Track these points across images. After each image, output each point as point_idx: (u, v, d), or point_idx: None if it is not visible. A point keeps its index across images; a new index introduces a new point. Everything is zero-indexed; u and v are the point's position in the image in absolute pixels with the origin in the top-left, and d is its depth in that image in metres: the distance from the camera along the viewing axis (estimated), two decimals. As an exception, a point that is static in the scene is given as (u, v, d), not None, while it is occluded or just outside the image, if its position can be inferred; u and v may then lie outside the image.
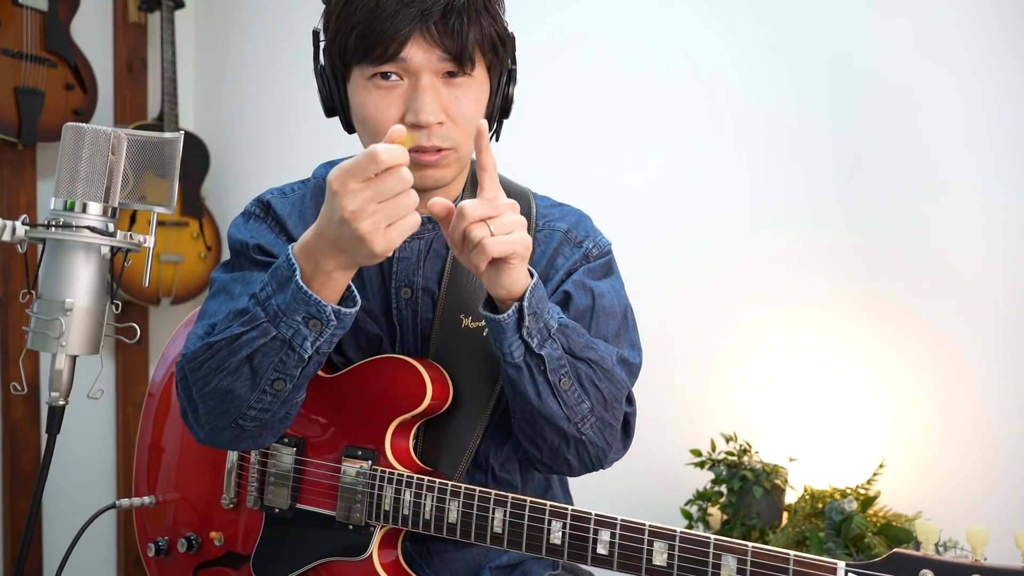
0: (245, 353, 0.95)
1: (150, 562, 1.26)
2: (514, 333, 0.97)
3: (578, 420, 1.03)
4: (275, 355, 0.95)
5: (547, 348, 0.99)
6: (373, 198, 0.84)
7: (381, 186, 0.84)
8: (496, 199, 0.93)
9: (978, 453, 1.80)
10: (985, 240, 1.81)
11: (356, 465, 1.07)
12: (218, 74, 3.00)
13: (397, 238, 0.87)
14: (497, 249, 0.91)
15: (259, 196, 1.18)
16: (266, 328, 0.93)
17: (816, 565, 0.84)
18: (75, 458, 2.61)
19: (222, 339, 0.96)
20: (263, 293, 0.95)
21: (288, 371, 0.96)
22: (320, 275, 0.92)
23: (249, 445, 1.07)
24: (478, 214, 0.90)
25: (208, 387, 0.98)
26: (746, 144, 2.08)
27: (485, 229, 0.90)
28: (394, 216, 0.86)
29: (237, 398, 0.98)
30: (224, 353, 0.96)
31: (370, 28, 0.97)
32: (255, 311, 0.94)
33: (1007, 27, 1.79)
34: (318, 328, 0.93)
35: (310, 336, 0.93)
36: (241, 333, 0.95)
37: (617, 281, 1.18)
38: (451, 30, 0.98)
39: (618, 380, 1.06)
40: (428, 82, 1.00)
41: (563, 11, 2.29)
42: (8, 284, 2.48)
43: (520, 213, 1.15)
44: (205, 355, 0.98)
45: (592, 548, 0.94)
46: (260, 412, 1.00)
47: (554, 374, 1.00)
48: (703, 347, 2.12)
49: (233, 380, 0.97)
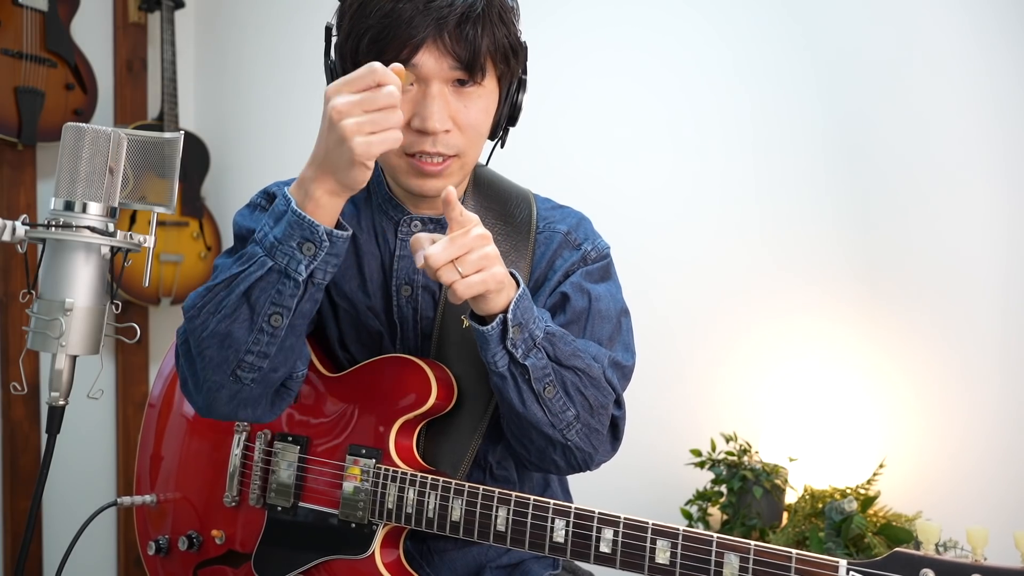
0: (242, 288, 0.96)
1: (150, 561, 1.26)
2: (498, 344, 0.98)
3: (563, 427, 1.04)
4: (271, 287, 0.96)
5: (531, 358, 1.00)
6: (361, 103, 0.88)
7: (371, 96, 0.88)
8: (465, 235, 0.93)
9: (977, 453, 1.80)
10: (983, 241, 1.81)
11: (360, 463, 1.08)
12: (218, 74, 3.00)
13: (377, 145, 0.89)
14: (467, 292, 0.93)
15: (265, 188, 1.20)
16: (262, 260, 0.96)
17: (818, 563, 0.84)
18: (75, 458, 2.62)
19: (221, 281, 0.98)
20: (260, 232, 0.97)
21: (284, 302, 0.97)
22: (309, 202, 0.94)
23: (247, 415, 1.06)
24: (443, 259, 0.91)
25: (207, 331, 0.99)
26: (750, 148, 2.08)
27: (453, 273, 0.92)
28: (377, 125, 0.89)
29: (235, 341, 0.98)
30: (223, 293, 0.98)
31: (384, 32, 0.97)
32: (252, 249, 0.97)
33: (1002, 25, 1.79)
34: (312, 251, 0.95)
35: (304, 260, 0.95)
36: (239, 272, 0.97)
37: (614, 285, 1.18)
38: (465, 39, 0.98)
39: (605, 387, 1.07)
40: (437, 90, 1.00)
41: (564, 11, 2.29)
42: (8, 284, 2.48)
43: (521, 215, 1.16)
44: (204, 299, 1.00)
45: (595, 546, 0.94)
46: (258, 358, 0.99)
47: (538, 383, 1.01)
48: (703, 348, 2.12)
49: (231, 321, 0.97)
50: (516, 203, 1.18)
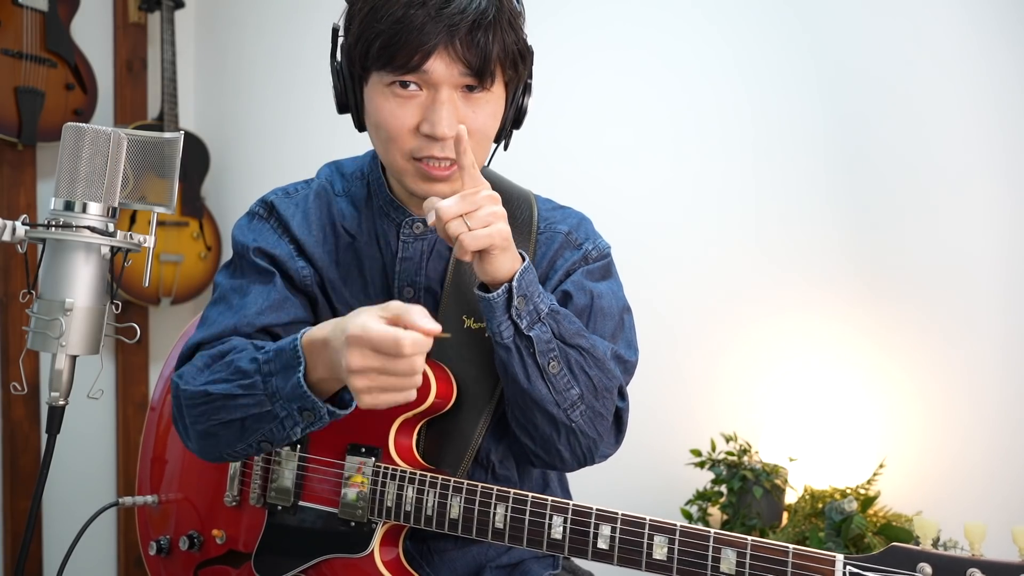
0: (238, 415, 1.00)
1: (151, 561, 1.26)
2: (503, 312, 1.00)
3: (567, 406, 1.05)
4: (266, 425, 0.99)
5: (536, 330, 1.01)
6: (379, 369, 0.87)
7: (392, 365, 0.87)
8: (475, 194, 0.96)
9: (978, 453, 1.80)
10: (983, 241, 1.81)
11: (359, 462, 1.08)
12: (218, 74, 3.00)
13: (385, 404, 0.90)
14: (473, 244, 0.95)
15: (263, 196, 1.19)
16: (261, 400, 0.98)
17: (815, 558, 0.84)
18: (75, 458, 2.61)
19: (219, 394, 1.01)
20: (267, 367, 0.98)
21: (275, 440, 1.01)
22: (316, 374, 0.96)
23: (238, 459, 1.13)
24: (453, 212, 0.94)
25: (200, 426, 1.04)
26: (751, 149, 2.08)
27: (462, 225, 0.95)
28: (390, 388, 0.89)
29: (225, 441, 1.03)
30: (218, 405, 1.01)
31: (395, 38, 0.97)
32: (255, 380, 0.98)
33: (1003, 25, 1.79)
34: (310, 419, 0.98)
35: (301, 423, 0.98)
36: (238, 395, 0.99)
37: (616, 283, 1.19)
38: (476, 46, 0.98)
39: (610, 371, 1.08)
40: (447, 96, 1.00)
41: (565, 11, 2.29)
42: (8, 284, 2.48)
43: (522, 216, 1.17)
44: (201, 401, 1.03)
45: (593, 542, 0.94)
46: (244, 454, 1.06)
47: (543, 357, 1.02)
48: (704, 348, 2.12)
49: (224, 429, 1.02)
50: (517, 204, 1.18)
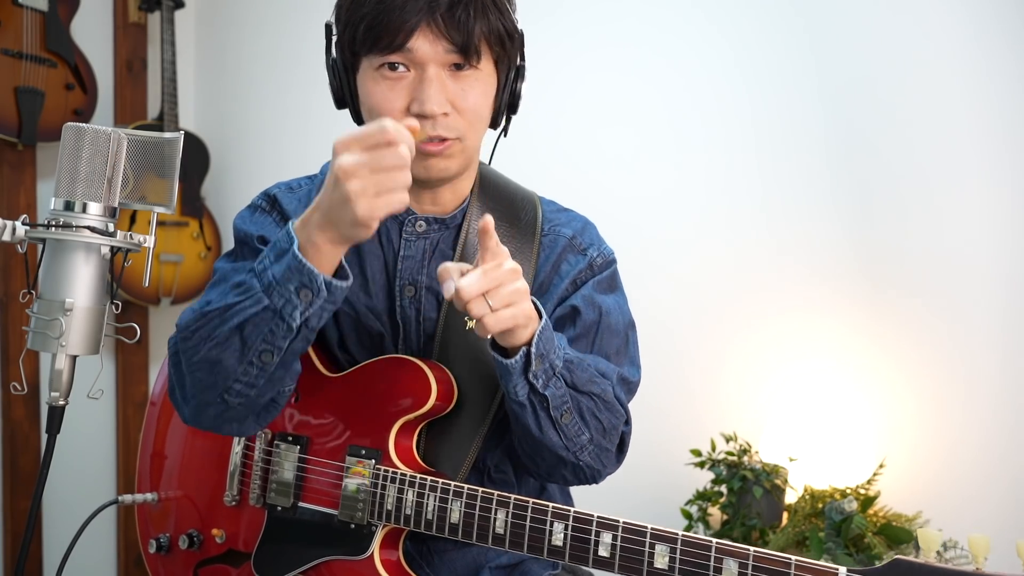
0: (236, 321, 0.96)
1: (151, 559, 1.26)
2: (520, 376, 0.99)
3: (576, 449, 1.06)
4: (265, 325, 0.95)
5: (551, 388, 1.01)
6: (368, 164, 0.86)
7: (379, 155, 0.86)
8: (497, 267, 0.92)
9: (977, 452, 1.80)
10: (981, 243, 1.81)
11: (360, 464, 1.08)
12: (218, 74, 3.00)
13: (381, 208, 0.88)
14: (497, 327, 0.93)
15: (266, 190, 1.20)
16: (259, 297, 0.94)
17: (817, 570, 0.83)
18: (75, 458, 2.61)
19: (215, 308, 0.98)
20: (260, 265, 0.96)
21: (276, 342, 0.96)
22: (311, 247, 0.93)
23: (232, 429, 1.07)
24: (475, 290, 0.90)
25: (198, 356, 0.99)
26: (752, 148, 2.08)
27: (484, 306, 0.91)
28: (383, 187, 0.87)
29: (225, 369, 0.98)
30: (216, 322, 0.97)
31: (378, 19, 0.99)
32: (250, 281, 0.96)
33: (1002, 26, 1.79)
34: (308, 298, 0.94)
35: (300, 306, 0.94)
36: (234, 303, 0.96)
37: (621, 296, 1.19)
38: (457, 22, 0.99)
39: (617, 409, 1.09)
40: (434, 73, 1.01)
41: (565, 9, 2.29)
42: (8, 284, 2.48)
43: (526, 217, 1.17)
44: (198, 323, 0.99)
45: (594, 550, 0.94)
46: (246, 387, 1.00)
47: (556, 411, 1.02)
48: (704, 348, 2.12)
49: (222, 350, 0.97)
50: (522, 205, 1.18)
